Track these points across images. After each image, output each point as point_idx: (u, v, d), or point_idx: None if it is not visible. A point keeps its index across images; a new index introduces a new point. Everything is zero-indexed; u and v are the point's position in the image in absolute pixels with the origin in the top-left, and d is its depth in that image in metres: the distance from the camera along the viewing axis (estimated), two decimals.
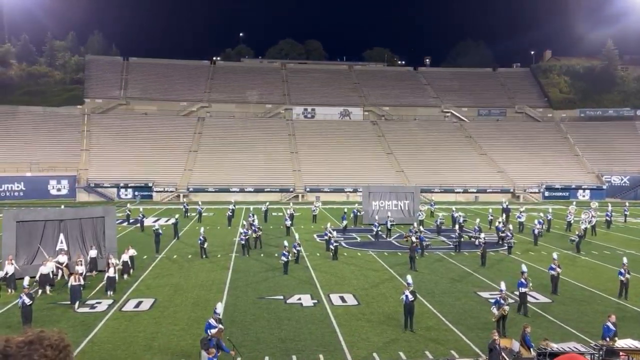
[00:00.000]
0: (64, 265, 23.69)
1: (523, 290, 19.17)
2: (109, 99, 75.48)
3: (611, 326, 15.43)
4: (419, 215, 40.69)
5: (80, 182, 60.21)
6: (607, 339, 15.11)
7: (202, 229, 31.20)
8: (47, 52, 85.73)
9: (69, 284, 20.40)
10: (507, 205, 45.20)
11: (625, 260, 22.54)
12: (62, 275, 23.50)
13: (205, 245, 29.04)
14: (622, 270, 21.62)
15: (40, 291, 21.35)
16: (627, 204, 47.41)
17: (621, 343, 14.48)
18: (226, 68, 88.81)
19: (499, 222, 35.78)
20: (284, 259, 25.42)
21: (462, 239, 31.95)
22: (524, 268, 20.42)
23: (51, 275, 22.18)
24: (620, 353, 13.84)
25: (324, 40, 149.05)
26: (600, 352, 13.98)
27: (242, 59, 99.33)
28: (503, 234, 33.03)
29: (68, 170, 60.66)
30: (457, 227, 33.66)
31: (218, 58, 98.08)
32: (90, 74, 79.68)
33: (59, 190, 60.11)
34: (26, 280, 18.84)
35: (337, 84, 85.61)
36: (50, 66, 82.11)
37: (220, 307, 16.38)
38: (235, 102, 79.12)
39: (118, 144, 66.15)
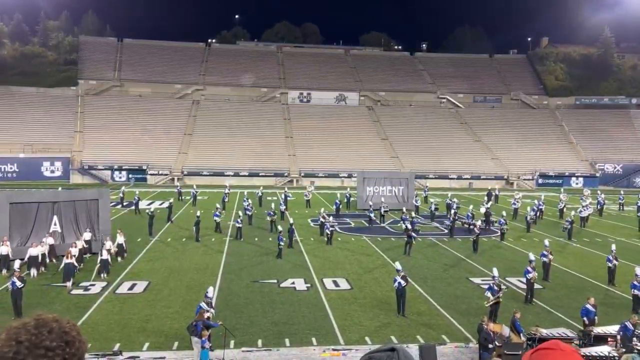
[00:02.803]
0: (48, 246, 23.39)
1: (530, 276, 19.37)
2: (103, 81, 74.79)
3: (590, 308, 15.68)
4: (415, 201, 40.84)
5: (74, 164, 59.90)
6: (585, 319, 15.40)
7: (198, 212, 31.24)
8: (40, 32, 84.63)
9: (63, 263, 20.50)
10: (497, 192, 47.08)
11: (613, 247, 22.85)
12: (51, 258, 23.39)
13: (195, 230, 29.09)
14: (610, 257, 21.92)
15: (32, 273, 21.38)
16: (622, 192, 47.77)
17: (609, 329, 14.71)
18: (221, 51, 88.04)
19: (487, 208, 36.03)
20: (281, 243, 25.59)
21: (455, 225, 32.22)
22: (532, 257, 20.64)
23: (40, 258, 22.09)
24: (608, 339, 14.06)
25: (321, 24, 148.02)
26: (588, 338, 14.20)
27: (238, 42, 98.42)
28: (493, 220, 33.42)
29: (62, 151, 60.33)
30: (451, 212, 33.86)
31: (213, 40, 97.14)
32: (84, 55, 78.82)
33: (52, 172, 59.82)
34: (17, 263, 18.80)
35: (333, 68, 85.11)
36: (44, 46, 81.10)
37: (211, 291, 16.50)
38: (230, 85, 78.59)
39: (112, 126, 65.71)
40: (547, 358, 1.72)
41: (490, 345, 13.66)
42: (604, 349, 13.36)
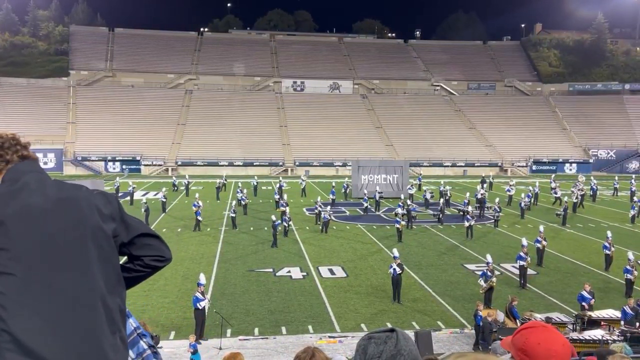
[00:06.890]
0: None
1: (522, 263, 19.49)
2: (94, 71, 74.16)
3: (586, 294, 15.85)
4: (409, 188, 40.96)
5: (67, 155, 59.59)
6: (584, 304, 15.58)
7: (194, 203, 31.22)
8: (30, 22, 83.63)
9: None
10: (491, 179, 47.79)
11: (609, 234, 22.97)
12: None
13: (199, 217, 29.34)
14: (607, 244, 22.00)
15: None
16: (616, 177, 48.07)
17: (602, 313, 14.87)
18: (214, 39, 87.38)
19: (482, 195, 36.18)
20: (284, 223, 27.09)
21: (448, 212, 32.38)
22: (524, 242, 20.76)
23: None
24: (602, 323, 14.21)
25: (314, 11, 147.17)
26: (581, 322, 14.35)
27: (230, 30, 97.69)
28: (487, 207, 33.63)
29: (54, 143, 59.94)
30: (441, 200, 33.98)
31: (205, 29, 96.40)
32: (75, 45, 78.05)
33: (45, 163, 59.39)
34: None
35: (326, 56, 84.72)
36: (34, 36, 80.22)
37: (203, 278, 16.30)
38: (223, 74, 78.13)
39: (105, 117, 65.29)
40: (531, 336, 1.80)
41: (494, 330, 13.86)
42: (597, 333, 13.50)
